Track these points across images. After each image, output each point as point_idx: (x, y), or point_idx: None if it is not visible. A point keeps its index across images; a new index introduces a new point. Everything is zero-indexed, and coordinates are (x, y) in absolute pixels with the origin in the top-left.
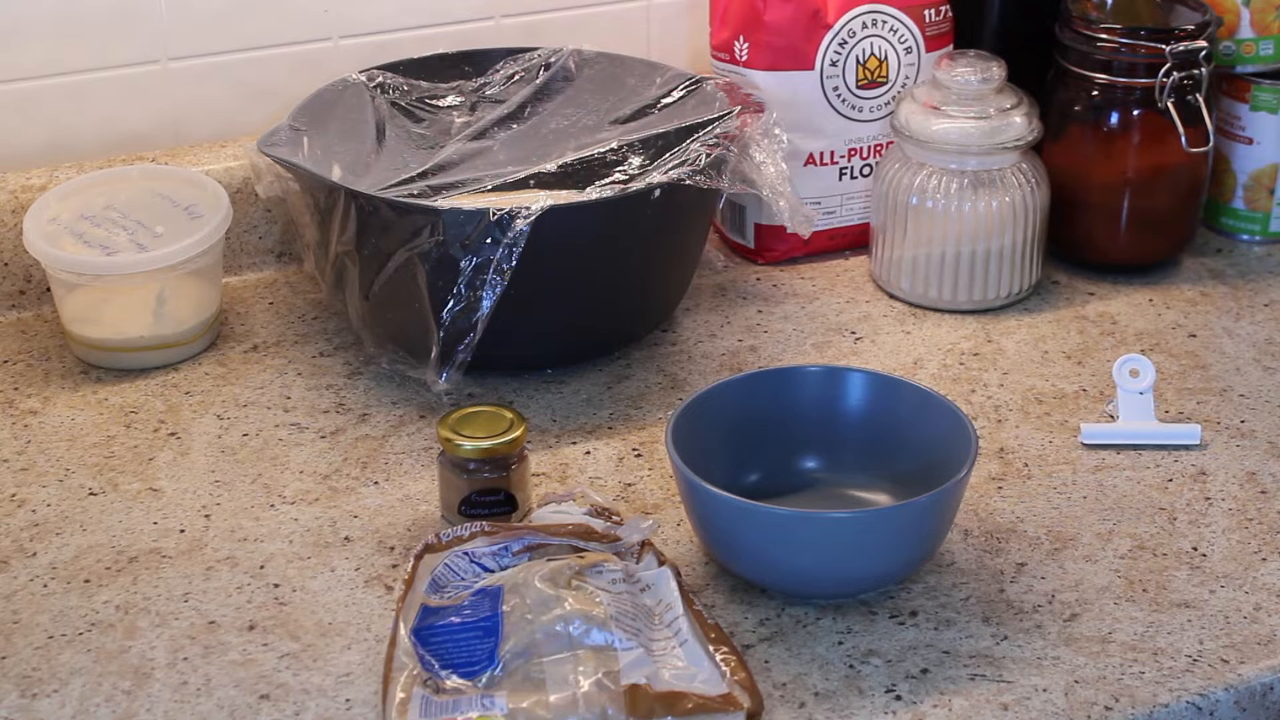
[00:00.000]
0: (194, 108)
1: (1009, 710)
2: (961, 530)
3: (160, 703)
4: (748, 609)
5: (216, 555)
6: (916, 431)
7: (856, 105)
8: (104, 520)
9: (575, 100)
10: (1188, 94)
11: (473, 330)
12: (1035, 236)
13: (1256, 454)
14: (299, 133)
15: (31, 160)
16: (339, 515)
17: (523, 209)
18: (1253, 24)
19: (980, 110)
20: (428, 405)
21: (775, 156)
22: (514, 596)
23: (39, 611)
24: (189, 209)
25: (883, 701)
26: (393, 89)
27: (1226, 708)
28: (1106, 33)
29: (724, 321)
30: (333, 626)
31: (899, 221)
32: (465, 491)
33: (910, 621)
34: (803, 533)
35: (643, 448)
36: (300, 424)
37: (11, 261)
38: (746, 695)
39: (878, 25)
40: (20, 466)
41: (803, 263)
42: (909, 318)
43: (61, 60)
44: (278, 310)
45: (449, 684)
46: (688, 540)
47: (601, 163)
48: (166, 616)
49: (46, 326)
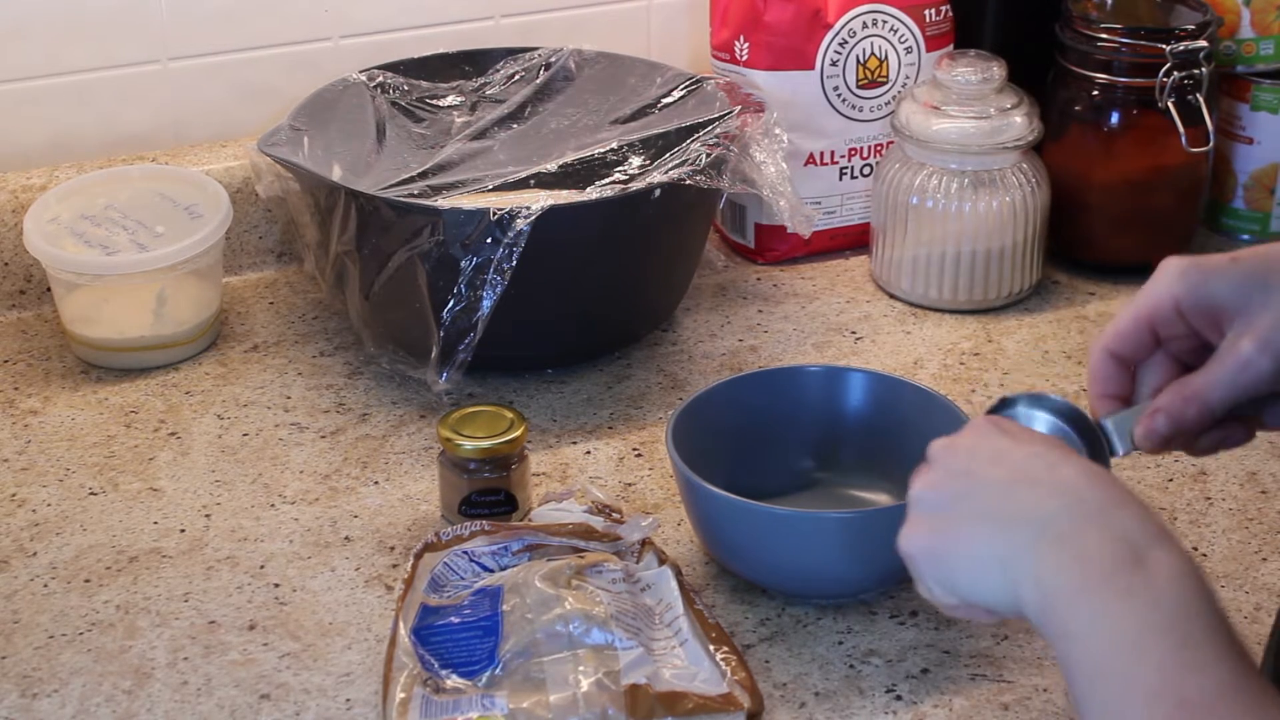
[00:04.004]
0: (194, 108)
1: (1009, 710)
2: None
3: (160, 703)
4: (748, 609)
5: (217, 555)
6: (916, 431)
7: (857, 105)
8: (104, 520)
9: (575, 100)
10: (1188, 94)
11: (473, 330)
12: (1035, 236)
13: (1256, 454)
14: (299, 132)
15: (31, 160)
16: (339, 515)
17: (523, 209)
18: (1253, 24)
19: (980, 110)
20: (428, 405)
21: (775, 156)
22: (514, 596)
23: (39, 611)
24: (189, 209)
25: (883, 701)
26: (393, 89)
27: None
28: (1107, 33)
29: (724, 321)
30: (333, 626)
31: (899, 221)
32: (465, 491)
33: (910, 621)
34: (803, 533)
35: (643, 448)
36: (300, 424)
37: (11, 261)
38: (747, 695)
39: (878, 25)
40: (20, 466)
41: (803, 263)
42: (909, 318)
43: (62, 60)
44: (278, 310)
45: (449, 684)
46: (688, 540)
47: (602, 163)
48: (167, 616)
49: (46, 326)
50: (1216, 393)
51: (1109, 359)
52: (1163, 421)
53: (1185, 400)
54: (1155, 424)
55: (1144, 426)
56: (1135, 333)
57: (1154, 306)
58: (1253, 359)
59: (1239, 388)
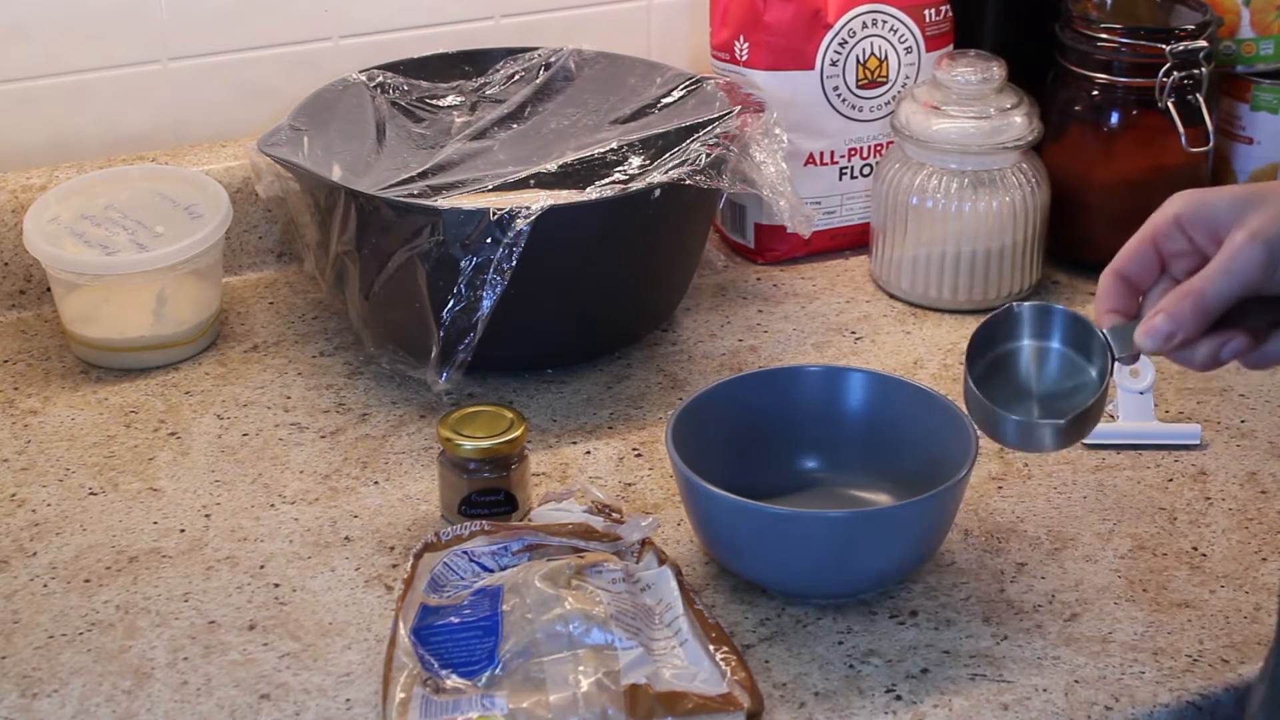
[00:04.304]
0: (194, 108)
1: (1009, 710)
2: (961, 530)
3: (160, 703)
4: (748, 609)
5: (216, 555)
6: (916, 431)
7: (857, 105)
8: (104, 520)
9: (575, 100)
10: (1188, 94)
11: (473, 330)
12: (1035, 236)
13: (1256, 454)
14: (299, 132)
15: (31, 160)
16: (339, 515)
17: (523, 209)
18: (1253, 24)
19: (980, 110)
20: (428, 405)
21: (775, 156)
22: (514, 596)
23: (39, 611)
24: (189, 209)
25: (883, 701)
26: (393, 89)
27: (1226, 708)
28: (1107, 33)
29: (724, 321)
30: (333, 626)
31: (899, 221)
32: (465, 491)
33: (910, 621)
34: (803, 533)
35: (643, 448)
36: (300, 424)
37: (11, 261)
38: (746, 695)
39: (878, 25)
40: (20, 466)
41: (803, 263)
42: (909, 318)
43: (62, 60)
44: (278, 310)
45: (449, 684)
46: (688, 540)
47: (602, 163)
48: (166, 616)
49: (46, 326)
50: (1211, 286)
51: (1117, 280)
52: (1161, 320)
53: (1182, 296)
54: (1155, 322)
55: (1144, 326)
56: (1140, 252)
57: (1157, 224)
58: (1243, 248)
59: (1233, 280)
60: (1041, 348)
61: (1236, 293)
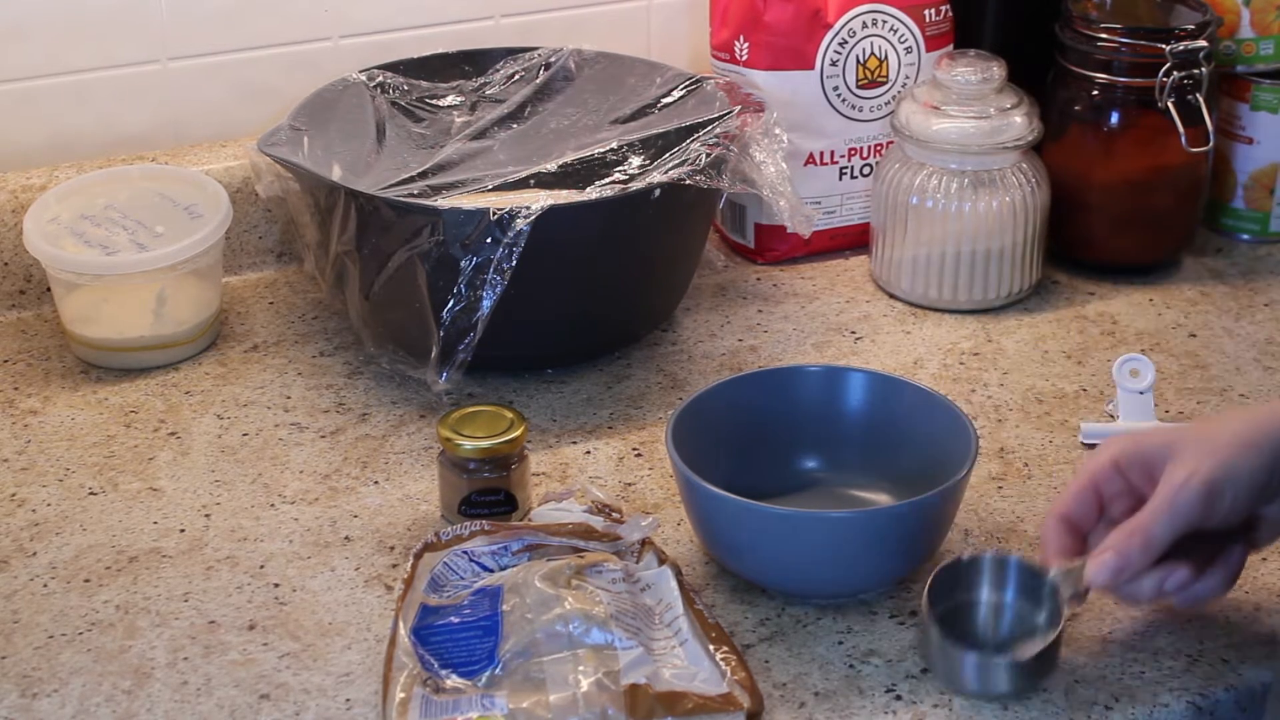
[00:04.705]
0: (194, 108)
1: (1009, 710)
2: (961, 530)
3: (160, 703)
4: (748, 609)
5: (216, 555)
6: (916, 431)
7: (856, 105)
8: (104, 520)
9: (575, 100)
10: (1188, 94)
11: (473, 330)
12: (1035, 236)
13: None
14: (299, 132)
15: (31, 160)
16: (339, 515)
17: (523, 209)
18: (1253, 24)
19: (980, 110)
20: (428, 405)
21: (775, 156)
22: (514, 596)
23: (39, 611)
24: (189, 209)
25: (883, 701)
26: (393, 89)
27: (1226, 708)
28: (1107, 33)
29: (724, 321)
30: (333, 626)
31: (899, 221)
32: (465, 491)
33: (910, 621)
34: (803, 533)
35: (643, 447)
36: (300, 424)
37: (11, 261)
38: (746, 695)
39: (878, 25)
40: (20, 466)
41: (803, 262)
42: (909, 318)
43: (61, 60)
44: (278, 310)
45: (449, 684)
46: (688, 540)
47: (601, 162)
48: (166, 616)
49: (46, 326)
50: (1157, 523)
51: (1060, 523)
52: (1110, 556)
53: (1130, 534)
54: (1104, 559)
55: (1094, 562)
56: (1082, 495)
57: (1095, 469)
58: (1183, 488)
59: (1176, 517)
60: (997, 602)
61: (1180, 528)
